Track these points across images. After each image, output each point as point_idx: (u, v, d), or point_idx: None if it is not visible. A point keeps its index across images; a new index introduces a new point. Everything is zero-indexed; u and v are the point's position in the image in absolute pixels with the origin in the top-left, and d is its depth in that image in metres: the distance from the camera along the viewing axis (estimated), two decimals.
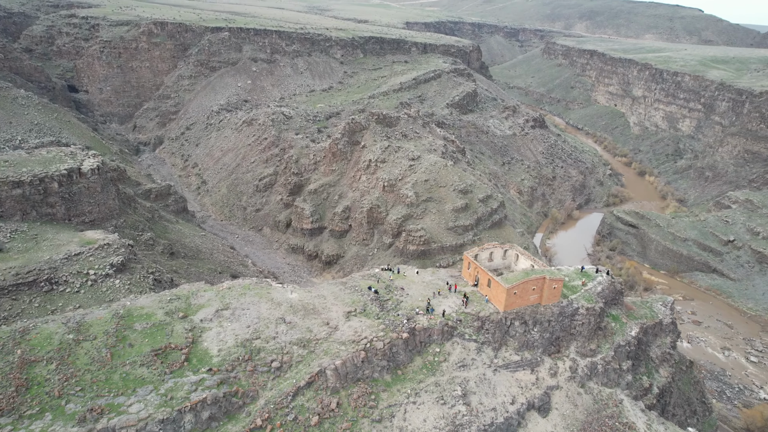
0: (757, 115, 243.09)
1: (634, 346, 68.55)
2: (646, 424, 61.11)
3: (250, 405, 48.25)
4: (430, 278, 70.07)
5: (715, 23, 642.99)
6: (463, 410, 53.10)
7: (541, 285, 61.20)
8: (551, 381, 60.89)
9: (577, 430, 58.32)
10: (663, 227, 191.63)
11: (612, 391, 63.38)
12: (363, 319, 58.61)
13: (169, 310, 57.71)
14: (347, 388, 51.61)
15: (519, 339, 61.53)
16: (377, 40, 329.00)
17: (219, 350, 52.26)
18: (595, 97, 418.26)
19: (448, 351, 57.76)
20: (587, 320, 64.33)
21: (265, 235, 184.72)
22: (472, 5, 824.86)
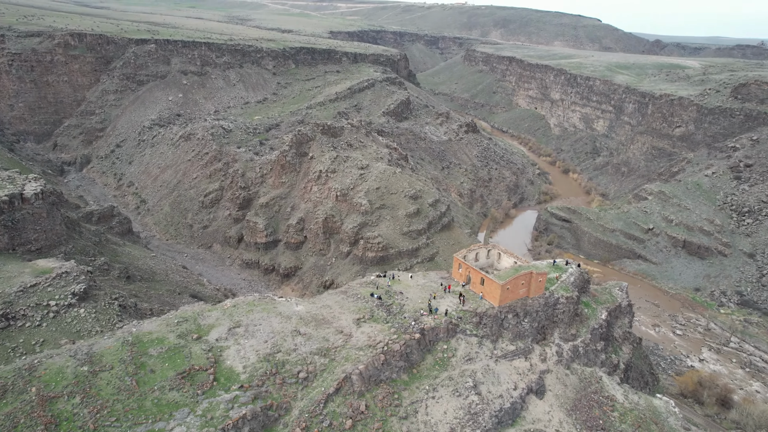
0: (660, 116, 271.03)
1: (605, 328, 76.83)
2: (623, 396, 69.02)
3: (285, 416, 49.94)
4: (423, 281, 74.41)
5: (612, 32, 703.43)
6: (476, 399, 57.77)
7: (529, 279, 67.53)
8: (543, 366, 67.23)
9: (569, 407, 64.91)
10: (593, 220, 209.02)
11: (592, 370, 70.88)
12: (373, 325, 61.76)
13: (181, 332, 57.66)
14: (371, 391, 54.57)
15: (512, 330, 67.37)
16: (308, 51, 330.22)
17: (244, 367, 53.31)
18: (517, 101, 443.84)
19: (455, 347, 62.32)
20: (567, 308, 71.54)
21: (216, 252, 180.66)
22: (392, 14, 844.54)
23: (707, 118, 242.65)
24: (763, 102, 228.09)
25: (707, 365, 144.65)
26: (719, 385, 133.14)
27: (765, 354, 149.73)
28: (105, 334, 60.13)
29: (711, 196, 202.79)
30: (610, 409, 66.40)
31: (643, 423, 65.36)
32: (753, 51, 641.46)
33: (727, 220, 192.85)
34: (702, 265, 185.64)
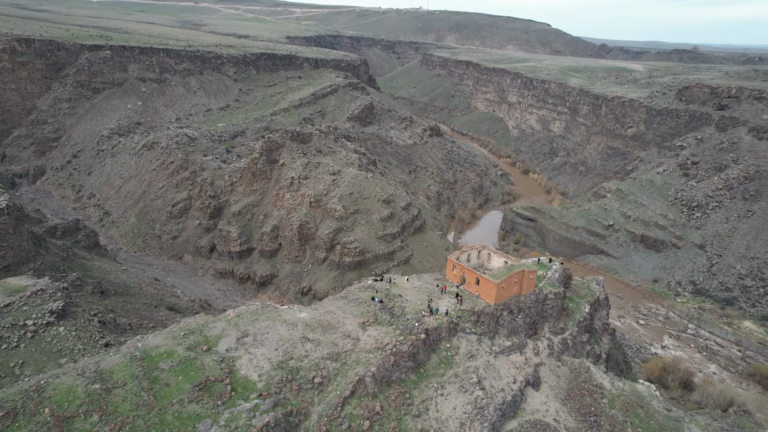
0: (612, 117, 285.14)
1: (588, 321, 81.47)
2: (610, 383, 73.58)
3: (305, 422, 51.03)
4: (419, 283, 76.76)
5: (561, 36, 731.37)
6: (481, 394, 60.53)
7: (521, 277, 71.10)
8: (536, 359, 70.84)
9: (563, 397, 68.74)
10: (556, 219, 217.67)
11: (580, 361, 75.14)
12: (378, 328, 63.56)
13: (189, 345, 57.64)
14: (384, 392, 56.34)
15: (507, 326, 70.69)
16: (269, 57, 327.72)
17: (259, 375, 53.98)
18: (475, 104, 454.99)
19: (457, 345, 64.93)
20: (555, 303, 75.60)
21: (188, 263, 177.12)
22: (347, 19, 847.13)
23: (656, 118, 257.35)
24: (705, 103, 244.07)
25: (669, 351, 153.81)
26: (681, 369, 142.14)
27: (718, 338, 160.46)
28: (110, 351, 59.23)
29: (663, 193, 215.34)
30: (599, 396, 70.70)
31: (630, 407, 69.97)
32: (689, 55, 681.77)
33: (678, 214, 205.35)
34: (658, 257, 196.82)
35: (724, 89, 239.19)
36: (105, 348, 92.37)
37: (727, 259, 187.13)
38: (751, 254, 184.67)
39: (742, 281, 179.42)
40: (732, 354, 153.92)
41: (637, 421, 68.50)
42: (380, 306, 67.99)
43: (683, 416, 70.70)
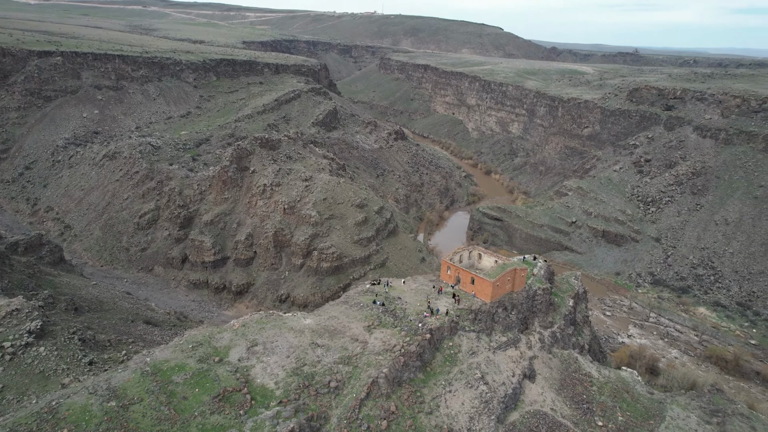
0: (569, 118, 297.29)
1: (572, 314, 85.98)
2: (597, 372, 78.12)
3: (326, 425, 52.24)
4: (415, 286, 79.00)
5: (513, 39, 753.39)
6: (485, 389, 63.34)
7: (513, 275, 74.57)
8: (530, 353, 74.43)
9: (557, 387, 72.57)
10: (522, 217, 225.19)
11: (569, 352, 79.36)
12: (384, 330, 65.34)
13: (200, 357, 57.68)
14: (396, 392, 58.22)
15: (502, 323, 73.94)
16: (229, 62, 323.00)
17: (276, 383, 54.73)
18: (434, 107, 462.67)
19: (458, 343, 67.54)
20: (544, 299, 79.57)
21: (159, 275, 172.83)
22: (302, 23, 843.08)
23: (610, 119, 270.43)
24: (653, 104, 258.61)
25: (635, 340, 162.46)
26: (647, 356, 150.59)
27: (677, 325, 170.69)
28: (117, 367, 58.35)
29: (621, 189, 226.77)
30: (589, 384, 74.99)
31: (617, 393, 74.59)
32: (632, 58, 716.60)
33: (635, 209, 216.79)
34: (619, 251, 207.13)
35: (670, 91, 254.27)
36: (89, 366, 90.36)
37: (681, 250, 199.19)
38: (701, 245, 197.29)
39: (694, 270, 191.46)
40: (690, 339, 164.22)
41: (624, 405, 73.15)
42: (382, 309, 69.83)
43: (665, 398, 75.94)
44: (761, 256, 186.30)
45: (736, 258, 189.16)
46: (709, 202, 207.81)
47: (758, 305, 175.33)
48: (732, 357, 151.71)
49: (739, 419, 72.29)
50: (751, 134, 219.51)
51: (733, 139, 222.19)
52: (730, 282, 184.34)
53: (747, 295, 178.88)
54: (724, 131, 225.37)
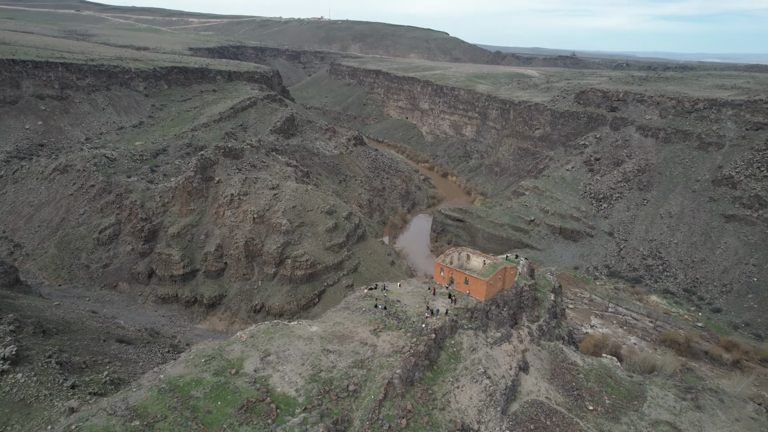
0: (521, 120, 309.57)
1: (554, 308, 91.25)
2: (581, 360, 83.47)
3: (350, 428, 53.86)
4: (410, 288, 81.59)
5: (459, 44, 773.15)
6: (488, 383, 66.77)
7: (504, 274, 78.63)
8: (522, 346, 78.68)
9: (549, 377, 77.13)
10: (483, 217, 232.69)
11: (555, 344, 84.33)
12: (390, 333, 67.52)
13: (216, 370, 57.82)
14: (410, 391, 60.57)
15: (495, 319, 77.80)
16: (180, 70, 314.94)
17: (296, 390, 55.78)
18: (388, 112, 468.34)
19: (460, 341, 70.67)
20: (530, 295, 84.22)
21: (124, 291, 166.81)
22: (248, 29, 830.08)
23: (560, 120, 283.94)
24: (599, 106, 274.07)
25: (597, 329, 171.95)
26: (610, 344, 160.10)
27: (633, 313, 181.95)
28: (131, 386, 57.47)
29: (574, 187, 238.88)
30: (576, 372, 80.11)
31: (602, 378, 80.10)
32: (571, 61, 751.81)
33: (589, 206, 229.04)
34: (576, 246, 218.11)
35: (614, 93, 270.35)
36: (72, 390, 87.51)
37: (632, 243, 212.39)
38: (649, 237, 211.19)
39: (645, 261, 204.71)
40: (646, 325, 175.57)
41: (609, 389, 78.70)
42: (385, 312, 71.97)
43: (643, 380, 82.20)
44: (701, 245, 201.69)
45: (680, 248, 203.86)
46: (654, 197, 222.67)
47: (702, 290, 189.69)
48: (683, 339, 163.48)
49: (709, 394, 79.43)
50: (687, 133, 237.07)
51: (671, 137, 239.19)
52: (676, 270, 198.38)
53: (692, 282, 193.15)
54: (663, 131, 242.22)
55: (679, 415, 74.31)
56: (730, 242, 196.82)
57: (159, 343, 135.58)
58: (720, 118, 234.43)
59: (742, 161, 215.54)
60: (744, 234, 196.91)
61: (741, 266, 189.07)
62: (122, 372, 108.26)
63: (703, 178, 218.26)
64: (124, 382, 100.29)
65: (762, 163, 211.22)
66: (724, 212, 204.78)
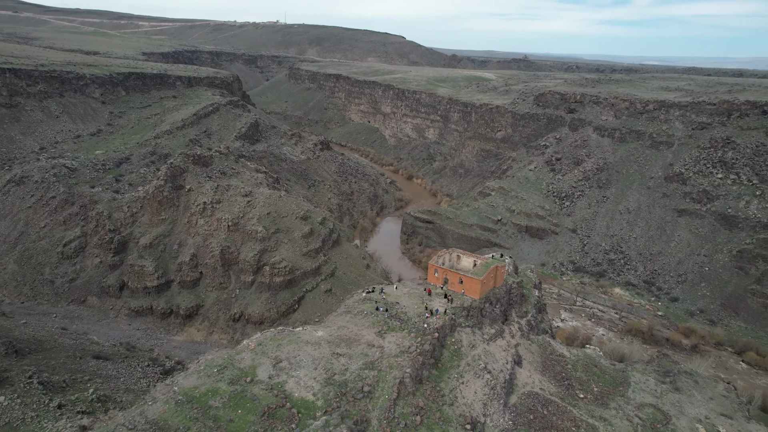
0: (483, 122, 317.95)
1: (539, 303, 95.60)
2: (567, 351, 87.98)
3: (368, 428, 55.48)
4: (406, 290, 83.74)
5: (416, 47, 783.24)
6: (489, 377, 69.79)
7: (495, 272, 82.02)
8: (514, 341, 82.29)
9: (540, 369, 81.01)
10: (452, 218, 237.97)
11: (542, 337, 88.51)
12: (394, 334, 69.48)
13: (231, 379, 58.16)
14: (419, 389, 62.72)
15: (489, 317, 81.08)
16: (138, 76, 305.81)
17: (314, 394, 56.91)
18: (350, 116, 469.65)
19: (459, 339, 73.39)
20: (518, 292, 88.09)
21: (94, 306, 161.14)
22: (202, 33, 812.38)
23: (520, 122, 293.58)
24: (558, 108, 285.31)
25: (567, 323, 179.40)
26: (581, 336, 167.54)
27: (600, 306, 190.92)
28: (146, 401, 56.95)
29: (538, 187, 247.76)
30: (564, 363, 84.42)
31: (588, 368, 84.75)
32: (524, 63, 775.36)
33: (552, 204, 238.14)
34: (542, 244, 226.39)
35: (571, 95, 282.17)
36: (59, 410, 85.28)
37: (594, 238, 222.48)
38: (611, 233, 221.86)
39: (607, 256, 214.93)
40: (612, 317, 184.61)
41: (596, 377, 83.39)
42: (387, 314, 73.87)
43: (625, 367, 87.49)
44: (658, 239, 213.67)
45: (639, 242, 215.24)
46: (613, 194, 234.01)
47: (660, 281, 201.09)
48: (647, 328, 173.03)
49: (685, 376, 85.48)
50: (640, 133, 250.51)
51: (626, 137, 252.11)
52: (636, 263, 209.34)
53: (650, 274, 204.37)
54: (618, 131, 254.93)
55: (661, 397, 79.72)
56: (683, 235, 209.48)
57: (137, 358, 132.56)
58: (669, 119, 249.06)
59: (690, 159, 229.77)
60: (695, 227, 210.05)
61: (693, 257, 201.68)
62: (105, 388, 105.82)
63: (656, 175, 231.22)
64: (110, 399, 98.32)
65: (707, 160, 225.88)
66: (677, 207, 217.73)
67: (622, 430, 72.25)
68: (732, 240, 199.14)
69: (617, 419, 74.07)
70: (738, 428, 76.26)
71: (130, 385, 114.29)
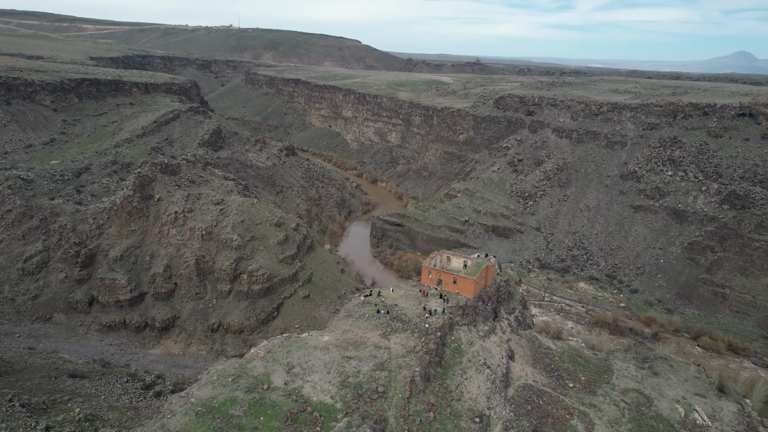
0: (445, 125, 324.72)
1: (523, 299, 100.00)
2: (553, 344, 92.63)
3: (387, 427, 57.35)
4: (402, 292, 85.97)
5: (372, 52, 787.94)
6: (489, 372, 73.04)
7: (486, 272, 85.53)
8: (505, 336, 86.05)
9: (532, 362, 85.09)
10: (421, 221, 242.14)
11: (529, 332, 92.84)
12: (399, 335, 71.58)
13: (248, 387, 58.64)
14: (428, 387, 65.13)
15: (482, 314, 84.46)
16: (92, 82, 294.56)
17: (332, 398, 58.23)
18: (310, 121, 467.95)
19: (458, 337, 76.28)
20: (505, 289, 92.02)
21: (61, 323, 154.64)
22: (152, 38, 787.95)
23: (482, 125, 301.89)
24: (517, 110, 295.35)
25: (538, 318, 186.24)
26: (551, 330, 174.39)
27: (567, 300, 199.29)
28: (163, 415, 56.54)
29: (502, 187, 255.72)
30: (552, 356, 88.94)
31: (573, 358, 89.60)
32: (478, 67, 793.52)
33: (517, 204, 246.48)
34: (508, 242, 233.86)
35: (530, 98, 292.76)
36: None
37: (558, 236, 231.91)
38: (573, 230, 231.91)
39: (571, 252, 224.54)
40: (579, 310, 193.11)
41: (581, 367, 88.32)
42: (389, 316, 75.89)
43: (606, 356, 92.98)
44: (617, 234, 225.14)
45: (600, 237, 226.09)
46: (573, 193, 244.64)
47: (620, 275, 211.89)
48: (612, 320, 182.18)
49: (661, 361, 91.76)
50: (595, 133, 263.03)
51: (583, 138, 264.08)
52: (598, 258, 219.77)
53: (611, 268, 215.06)
54: (576, 132, 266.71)
55: (642, 381, 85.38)
56: (639, 230, 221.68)
57: (115, 374, 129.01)
58: (621, 120, 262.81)
59: (642, 157, 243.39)
60: (649, 222, 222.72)
61: (650, 250, 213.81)
62: (88, 407, 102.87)
63: (612, 174, 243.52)
64: (98, 417, 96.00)
65: (658, 159, 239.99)
66: (632, 203, 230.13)
67: (611, 414, 77.05)
68: (683, 233, 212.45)
69: (605, 405, 78.92)
70: (711, 405, 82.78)
71: (113, 403, 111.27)
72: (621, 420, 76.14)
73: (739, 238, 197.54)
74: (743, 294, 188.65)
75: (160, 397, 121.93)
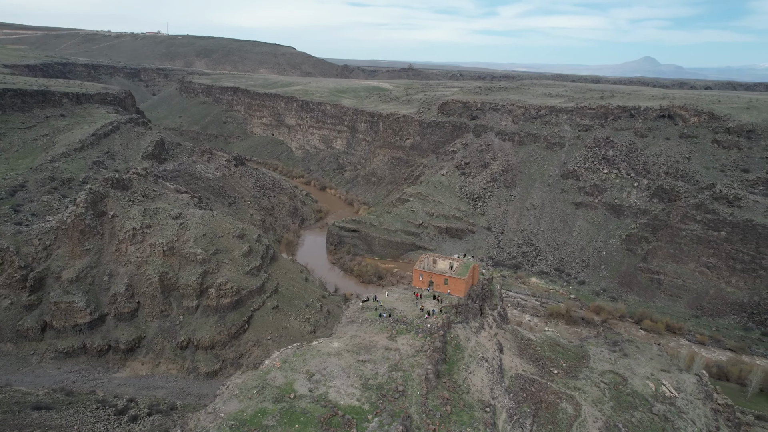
0: (392, 131, 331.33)
1: (501, 295, 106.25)
2: (534, 336, 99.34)
3: (412, 423, 60.46)
4: (396, 296, 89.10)
5: (308, 58, 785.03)
6: (487, 365, 77.97)
7: (473, 271, 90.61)
8: (493, 331, 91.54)
9: (518, 354, 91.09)
10: (377, 225, 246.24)
11: (511, 326, 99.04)
12: (404, 336, 74.81)
13: (274, 397, 59.67)
14: (440, 383, 68.89)
15: (471, 312, 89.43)
16: (17, 93, 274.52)
17: (358, 400, 60.50)
18: (252, 129, 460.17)
19: (456, 334, 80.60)
20: (488, 287, 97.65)
21: (9, 353, 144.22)
22: (71, 44, 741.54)
23: (428, 130, 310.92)
24: (461, 115, 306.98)
25: None
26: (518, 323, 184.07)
27: (522, 295, 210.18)
28: None
29: (451, 190, 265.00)
30: (534, 346, 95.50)
31: (553, 347, 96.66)
32: (414, 72, 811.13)
33: (467, 206, 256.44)
34: (462, 243, 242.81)
35: (472, 103, 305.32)
36: None
37: (507, 234, 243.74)
38: (521, 228, 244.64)
39: (521, 249, 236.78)
40: (534, 304, 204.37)
41: (561, 355, 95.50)
42: (391, 320, 78.94)
43: (581, 342, 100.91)
44: (562, 230, 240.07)
45: (546, 234, 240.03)
46: (519, 193, 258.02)
47: (568, 268, 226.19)
48: (565, 311, 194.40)
49: (628, 344, 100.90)
50: (536, 136, 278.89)
51: (525, 140, 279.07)
52: (546, 254, 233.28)
53: (559, 262, 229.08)
54: (518, 134, 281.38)
55: (616, 363, 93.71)
56: (582, 225, 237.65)
57: (82, 402, 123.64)
58: (559, 122, 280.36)
59: (580, 157, 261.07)
60: (590, 217, 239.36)
61: (593, 244, 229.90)
62: None
63: (554, 173, 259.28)
64: None
65: (594, 158, 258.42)
66: (574, 200, 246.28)
67: (594, 395, 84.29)
68: (621, 226, 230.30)
69: (588, 387, 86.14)
70: (675, 379, 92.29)
71: None
72: (603, 399, 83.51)
73: (669, 228, 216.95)
74: (675, 279, 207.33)
75: (137, 422, 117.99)
